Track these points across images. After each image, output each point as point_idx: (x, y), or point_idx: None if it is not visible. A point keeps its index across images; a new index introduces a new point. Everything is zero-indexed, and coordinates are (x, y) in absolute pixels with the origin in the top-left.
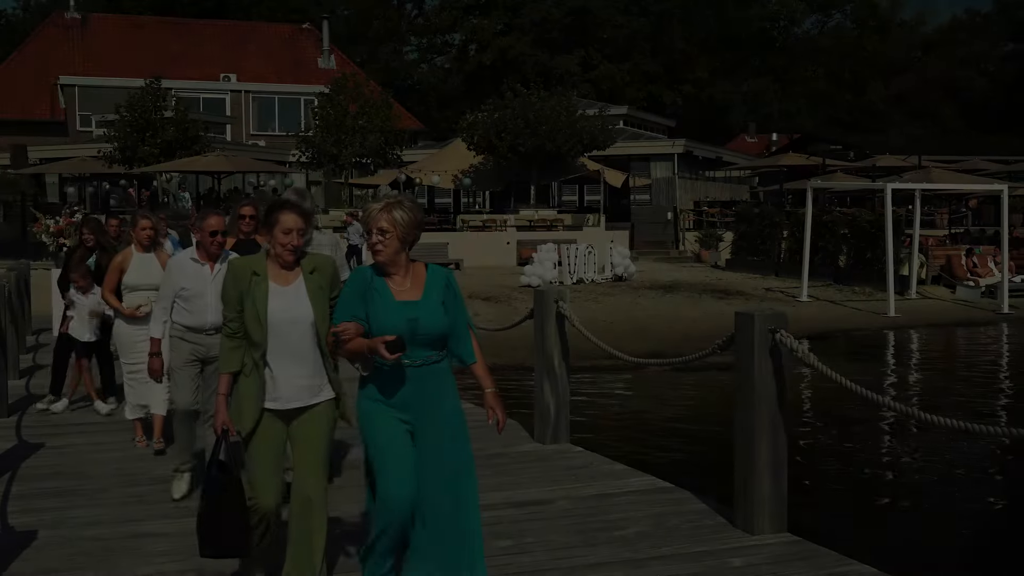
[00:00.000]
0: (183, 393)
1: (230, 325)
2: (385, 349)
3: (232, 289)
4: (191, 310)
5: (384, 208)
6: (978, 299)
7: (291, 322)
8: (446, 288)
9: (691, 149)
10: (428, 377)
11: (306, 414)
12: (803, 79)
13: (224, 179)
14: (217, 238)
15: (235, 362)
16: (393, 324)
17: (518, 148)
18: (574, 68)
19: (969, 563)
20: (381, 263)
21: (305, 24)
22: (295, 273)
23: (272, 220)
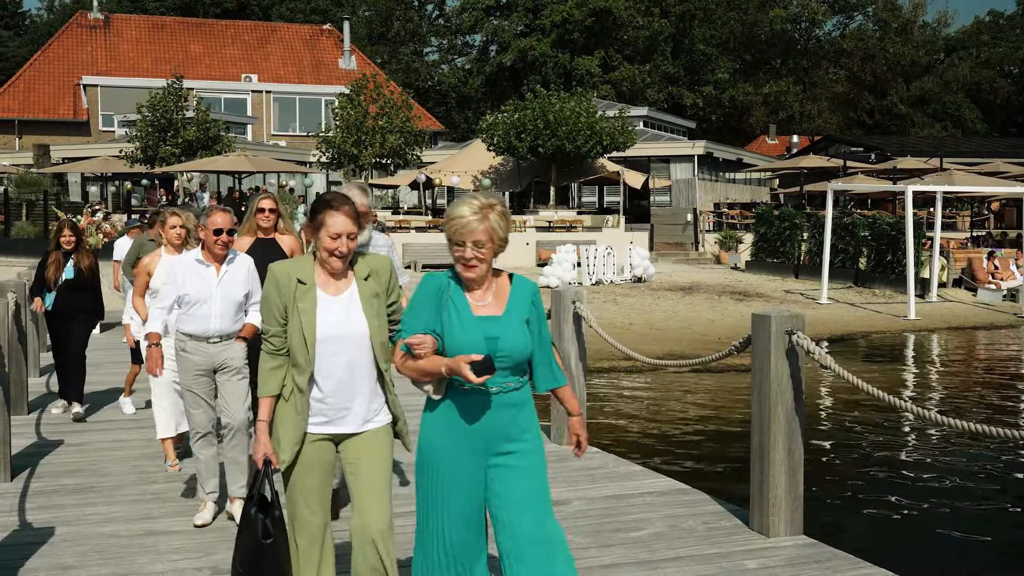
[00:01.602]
0: (199, 414)
1: (272, 341)
2: (470, 370)
3: (275, 299)
4: (194, 316)
5: (481, 216)
6: (999, 302)
7: (343, 338)
8: (532, 304)
9: (711, 151)
10: (506, 407)
11: (360, 440)
12: (824, 81)
13: (245, 179)
14: (222, 237)
15: (276, 384)
16: (470, 343)
17: (538, 149)
18: (594, 69)
19: (985, 568)
20: (471, 280)
21: (326, 25)
22: (347, 279)
23: (318, 221)
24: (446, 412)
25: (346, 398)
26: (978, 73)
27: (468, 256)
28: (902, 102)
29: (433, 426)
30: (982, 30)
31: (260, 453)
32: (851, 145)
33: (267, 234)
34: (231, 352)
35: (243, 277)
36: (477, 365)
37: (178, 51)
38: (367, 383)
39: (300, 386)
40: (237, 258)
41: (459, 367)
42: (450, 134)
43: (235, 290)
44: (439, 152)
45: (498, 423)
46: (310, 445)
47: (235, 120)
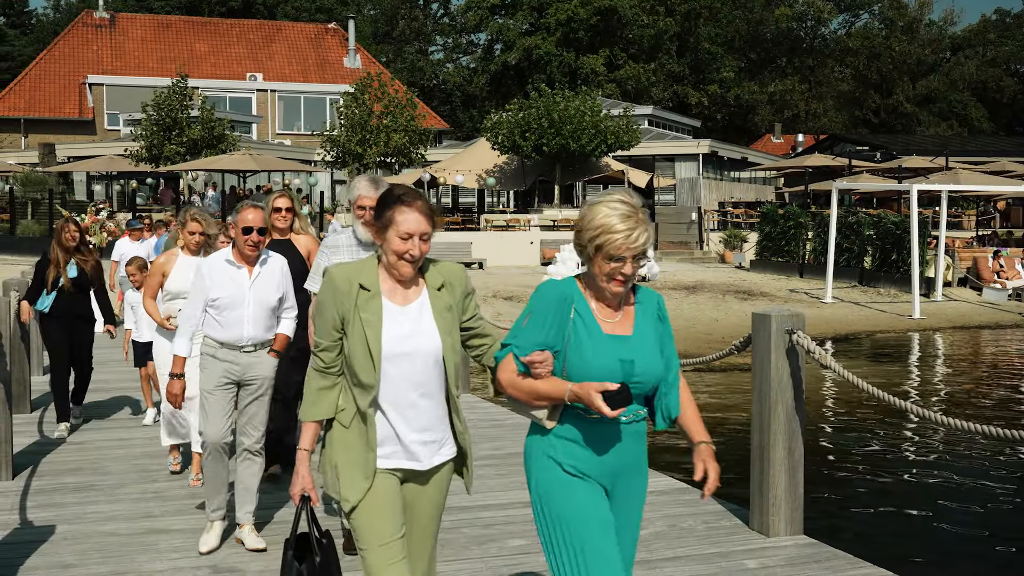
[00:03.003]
0: (214, 424)
1: (321, 357)
2: (603, 402)
3: (331, 307)
4: (225, 322)
5: (644, 226)
6: (1005, 302)
7: (411, 355)
8: (659, 320)
9: (716, 149)
10: (633, 440)
11: (423, 481)
12: (830, 80)
13: (250, 177)
14: (252, 236)
15: (325, 407)
16: (601, 367)
17: (542, 148)
18: (599, 68)
19: (985, 569)
20: (615, 295)
21: (331, 24)
22: (416, 288)
23: (386, 219)
24: (566, 445)
25: (414, 427)
26: (984, 72)
27: (629, 273)
28: (908, 101)
29: (552, 461)
30: (988, 28)
31: (298, 487)
32: (856, 144)
33: (283, 235)
34: (262, 368)
35: (277, 280)
36: (613, 396)
37: (183, 50)
38: (436, 410)
39: (364, 411)
40: (270, 259)
41: (590, 396)
42: (455, 133)
43: (268, 294)
44: (444, 151)
45: (625, 457)
46: (379, 482)
47: (240, 119)
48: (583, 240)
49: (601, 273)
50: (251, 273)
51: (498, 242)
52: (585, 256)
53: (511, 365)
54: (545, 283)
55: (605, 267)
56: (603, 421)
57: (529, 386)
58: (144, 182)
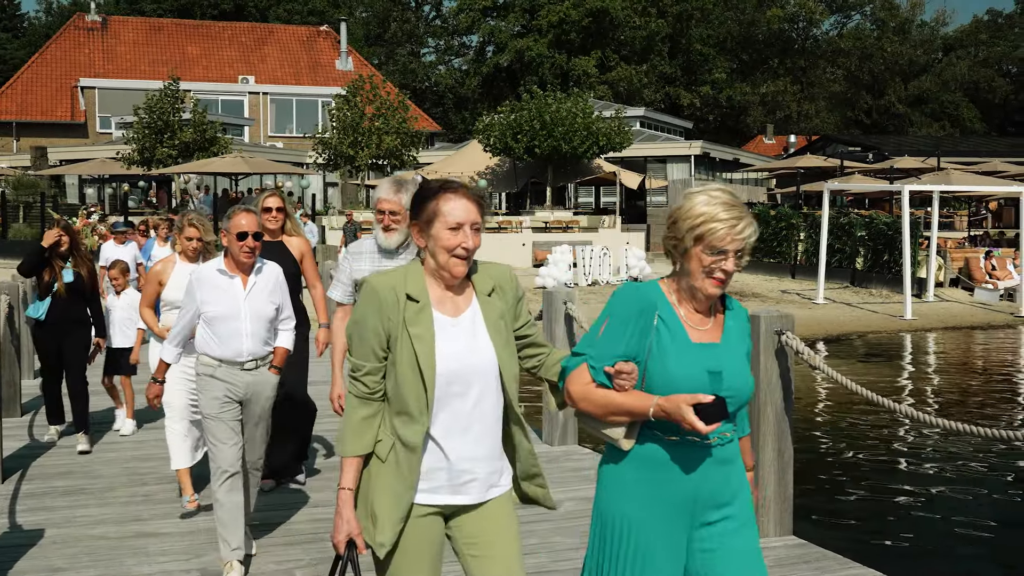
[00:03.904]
0: (224, 450)
1: (364, 382)
2: (697, 416)
3: (375, 323)
4: (221, 337)
5: (749, 219)
6: (996, 302)
7: (466, 374)
8: (746, 335)
9: (708, 151)
10: (721, 464)
11: (482, 516)
12: (822, 81)
13: (242, 180)
14: (248, 241)
15: (371, 439)
16: (688, 378)
17: (534, 150)
18: (591, 69)
19: (975, 569)
20: (714, 296)
21: (323, 26)
22: (466, 295)
23: (429, 212)
24: (645, 470)
25: (468, 456)
26: (976, 72)
27: (730, 269)
28: (900, 101)
29: (626, 489)
30: (980, 29)
31: (343, 532)
32: (848, 145)
33: (274, 236)
34: (263, 388)
35: (273, 289)
36: (707, 409)
37: (175, 53)
38: (493, 435)
39: (407, 441)
40: (265, 267)
41: (680, 410)
42: (447, 135)
43: (265, 305)
44: (436, 153)
45: (711, 484)
46: (417, 522)
47: (232, 122)
48: (679, 232)
49: (699, 269)
50: (246, 283)
51: (490, 244)
52: (680, 251)
53: (585, 376)
54: (625, 287)
55: (705, 260)
56: (685, 443)
57: (607, 399)
58: (136, 185)
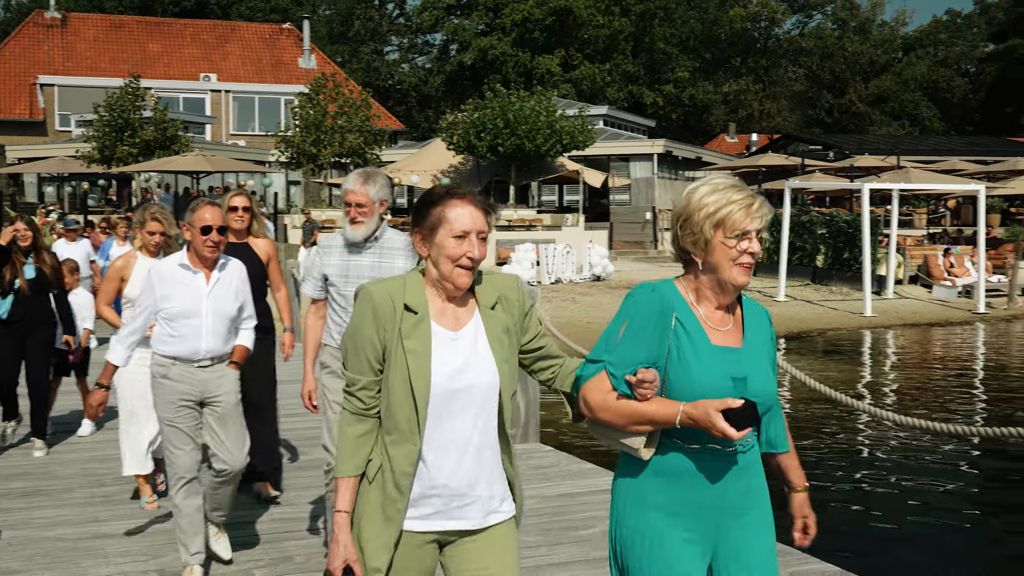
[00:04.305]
0: (183, 455)
1: (359, 397)
2: (726, 423)
3: (370, 334)
4: (179, 334)
5: (760, 198)
6: (955, 299)
7: (466, 392)
8: (770, 337)
9: (671, 149)
10: (742, 473)
11: (483, 543)
12: (784, 80)
13: (203, 179)
14: (212, 235)
15: (364, 459)
16: (709, 384)
17: (498, 148)
18: (555, 68)
19: (933, 563)
20: (737, 289)
21: (285, 24)
22: (467, 308)
23: (433, 218)
24: (666, 480)
25: (465, 479)
26: (936, 72)
27: (756, 251)
28: (860, 100)
29: (647, 500)
30: (940, 29)
31: (340, 559)
32: (810, 143)
33: (240, 237)
34: (224, 382)
35: (236, 287)
36: (737, 414)
37: (136, 50)
38: (492, 456)
39: (397, 462)
40: (229, 264)
41: (710, 416)
42: (410, 133)
43: (228, 303)
44: (399, 151)
45: (732, 494)
46: (410, 551)
47: (193, 120)
48: (695, 226)
49: (725, 259)
50: (208, 279)
51: None
52: (700, 245)
53: (604, 384)
54: (640, 288)
55: (729, 247)
56: (707, 451)
57: (629, 409)
58: (96, 184)
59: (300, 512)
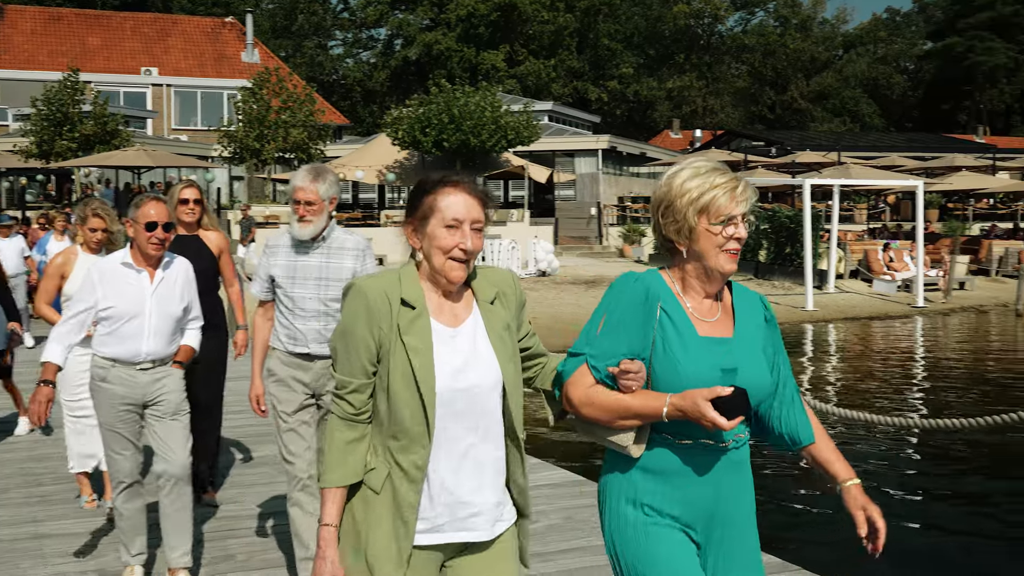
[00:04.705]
0: (123, 459)
1: (350, 401)
2: (716, 412)
3: (364, 333)
4: (119, 336)
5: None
6: (894, 293)
7: (470, 392)
8: (765, 322)
9: (615, 145)
10: (733, 468)
11: (490, 555)
12: (727, 76)
13: (144, 174)
14: (157, 232)
15: (355, 467)
16: (697, 375)
17: (443, 143)
18: (500, 64)
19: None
20: (724, 276)
21: (228, 18)
22: (465, 303)
23: (425, 207)
24: (657, 479)
25: (471, 486)
26: (875, 69)
27: (743, 236)
28: (802, 97)
29: (638, 499)
30: (879, 27)
31: (326, 574)
32: (752, 139)
33: (190, 230)
34: (167, 383)
35: (182, 287)
36: (727, 403)
37: (75, 43)
38: (496, 462)
39: (407, 469)
40: (174, 262)
41: (698, 406)
42: (355, 128)
43: (172, 303)
44: (343, 146)
45: (723, 490)
46: (420, 563)
47: (134, 114)
48: (678, 213)
49: (711, 246)
50: (153, 278)
51: (399, 238)
52: (684, 233)
53: (586, 378)
54: (623, 277)
55: (715, 233)
56: (699, 447)
57: (614, 402)
58: (34, 179)
59: (242, 510)
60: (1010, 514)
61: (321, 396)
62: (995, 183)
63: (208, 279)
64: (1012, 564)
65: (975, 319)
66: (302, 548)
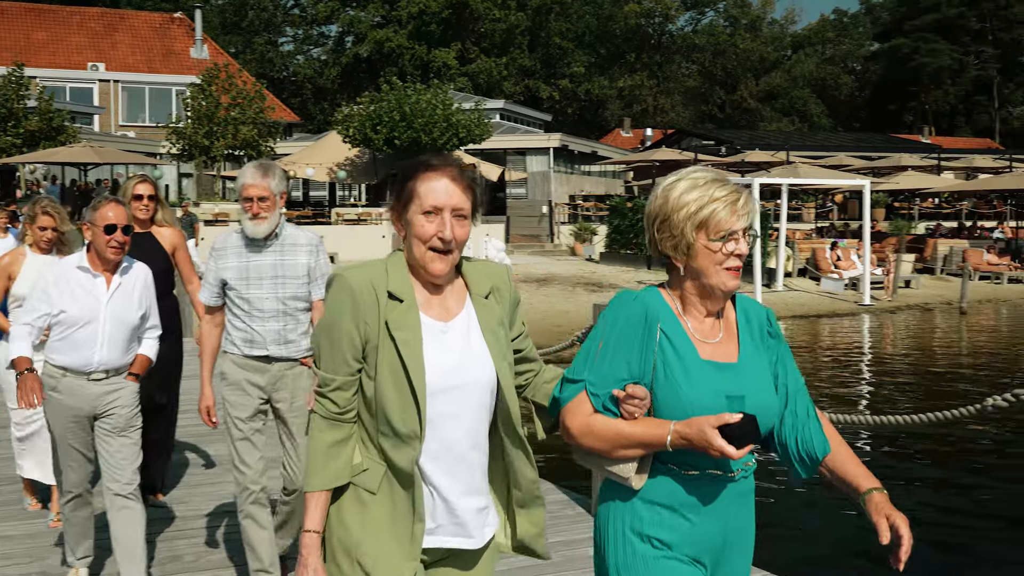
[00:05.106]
0: (72, 472)
1: (333, 399)
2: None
3: (349, 327)
4: (72, 343)
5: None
6: (841, 291)
7: (463, 390)
8: (770, 337)
9: (567, 143)
10: (738, 499)
11: (466, 560)
12: (677, 75)
13: (91, 170)
14: (117, 235)
15: (341, 469)
16: (698, 404)
17: (394, 141)
18: (451, 62)
19: (846, 558)
20: (726, 294)
21: (177, 13)
22: (457, 296)
23: (407, 192)
24: (655, 513)
25: (464, 490)
26: (823, 69)
27: (744, 253)
28: (751, 97)
29: (634, 535)
30: (827, 28)
31: None
32: (702, 138)
33: (144, 227)
34: (120, 396)
35: (140, 293)
36: (735, 430)
37: (19, 38)
38: (483, 463)
39: (402, 467)
40: (133, 267)
41: (705, 434)
42: (305, 126)
43: (129, 310)
44: (294, 144)
45: (731, 523)
46: None
47: (81, 110)
48: (675, 228)
49: (711, 264)
50: (109, 283)
51: (349, 236)
52: (682, 250)
53: (585, 407)
54: (620, 296)
55: (714, 250)
56: (706, 477)
57: (615, 431)
58: None
59: (190, 511)
60: (956, 505)
61: (276, 399)
62: (940, 183)
63: (164, 279)
64: (962, 558)
65: (920, 316)
66: (255, 560)
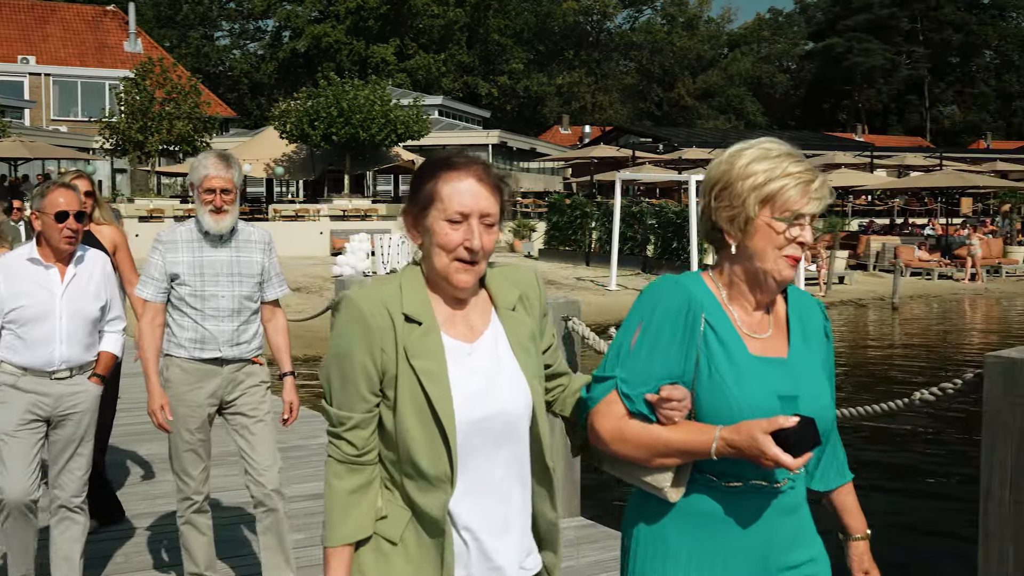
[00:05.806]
0: (16, 477)
1: (352, 440)
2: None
3: (363, 358)
4: (30, 341)
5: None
6: None
7: (495, 420)
8: (825, 338)
9: (505, 140)
10: (789, 513)
11: None
12: (615, 73)
13: (21, 166)
14: (69, 223)
15: (364, 519)
16: (749, 405)
17: (332, 137)
18: (389, 57)
19: None
20: (787, 280)
21: (110, 6)
22: (481, 310)
23: (425, 195)
24: (696, 529)
25: (497, 529)
26: (759, 68)
27: (809, 240)
28: (689, 95)
29: (673, 555)
30: (763, 27)
31: None
32: (640, 136)
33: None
34: (81, 400)
35: (98, 282)
36: (791, 436)
37: None
38: (522, 502)
39: (431, 513)
40: (88, 255)
41: (757, 442)
42: (242, 121)
43: (87, 302)
44: (230, 139)
45: (779, 540)
46: None
47: (10, 104)
48: (735, 198)
49: (770, 246)
50: (64, 275)
51: (287, 233)
52: (739, 225)
53: (617, 408)
54: (659, 281)
55: (778, 230)
56: (750, 489)
57: (651, 438)
58: None
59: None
60: (896, 498)
61: (230, 401)
62: (873, 180)
63: None
64: (904, 551)
65: (853, 312)
66: (192, 564)
